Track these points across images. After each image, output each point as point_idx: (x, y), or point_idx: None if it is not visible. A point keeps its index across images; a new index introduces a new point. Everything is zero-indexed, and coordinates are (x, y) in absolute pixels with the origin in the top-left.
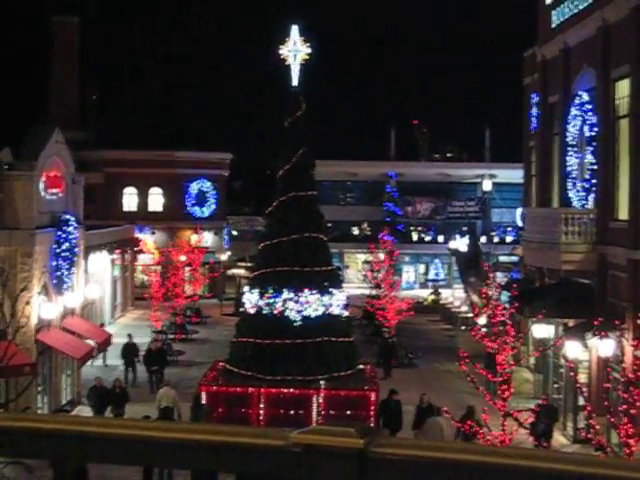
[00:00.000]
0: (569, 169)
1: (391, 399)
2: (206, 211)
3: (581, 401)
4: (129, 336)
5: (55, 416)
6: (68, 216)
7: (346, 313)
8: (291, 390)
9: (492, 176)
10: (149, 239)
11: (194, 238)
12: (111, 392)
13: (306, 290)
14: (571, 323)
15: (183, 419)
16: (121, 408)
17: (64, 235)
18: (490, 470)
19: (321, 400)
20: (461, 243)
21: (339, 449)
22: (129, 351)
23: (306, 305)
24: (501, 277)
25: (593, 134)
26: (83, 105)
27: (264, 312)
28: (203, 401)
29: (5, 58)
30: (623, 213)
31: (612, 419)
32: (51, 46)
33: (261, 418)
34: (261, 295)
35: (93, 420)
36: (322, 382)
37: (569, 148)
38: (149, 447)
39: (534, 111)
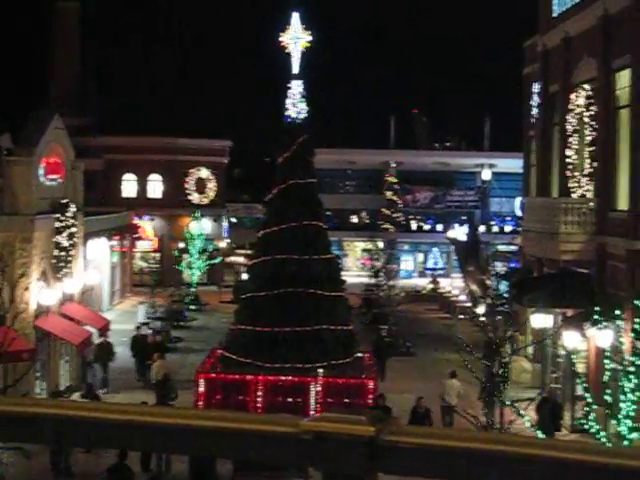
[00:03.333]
0: (569, 159)
1: (379, 405)
2: (205, 198)
3: (579, 391)
4: (138, 328)
5: (52, 400)
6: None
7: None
8: (289, 378)
9: (491, 165)
10: (148, 226)
11: (193, 225)
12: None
13: None
14: (570, 313)
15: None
16: None
17: (63, 221)
18: (500, 458)
19: (319, 388)
20: (460, 232)
21: (350, 437)
22: (140, 345)
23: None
24: (500, 267)
25: (593, 124)
26: (83, 91)
27: (263, 299)
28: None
29: (6, 43)
30: (622, 203)
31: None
32: (52, 32)
33: (259, 406)
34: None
35: (93, 405)
36: (320, 370)
37: (569, 138)
38: (154, 433)
39: (534, 101)
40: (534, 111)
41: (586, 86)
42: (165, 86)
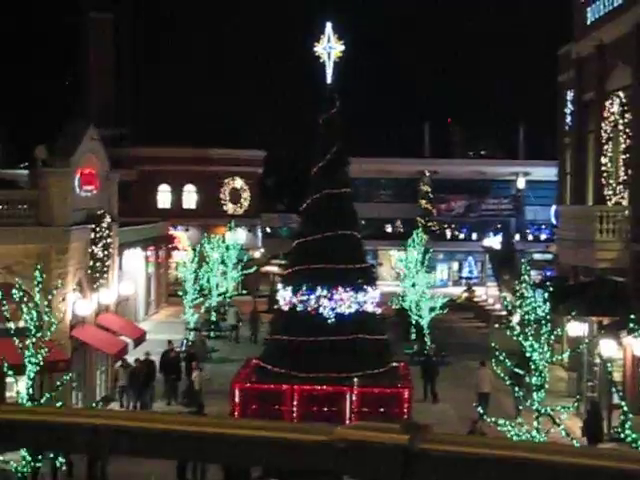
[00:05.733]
0: (604, 167)
1: None
2: (240, 208)
3: (616, 399)
4: (169, 342)
5: (90, 410)
6: (102, 213)
7: (379, 310)
8: (324, 387)
9: (526, 174)
10: (183, 236)
11: (228, 235)
12: None
13: (340, 288)
14: (606, 321)
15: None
16: None
17: (99, 232)
18: (534, 466)
19: (354, 398)
20: (495, 241)
21: (384, 445)
22: (170, 362)
23: (340, 302)
24: (535, 275)
25: (628, 131)
26: (118, 102)
27: (298, 309)
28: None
29: (41, 55)
30: None
31: None
32: (87, 43)
33: (294, 415)
34: (295, 292)
35: (133, 415)
36: (355, 380)
37: (604, 145)
38: (189, 442)
39: (569, 108)
40: (568, 119)
41: (621, 93)
42: (199, 97)
